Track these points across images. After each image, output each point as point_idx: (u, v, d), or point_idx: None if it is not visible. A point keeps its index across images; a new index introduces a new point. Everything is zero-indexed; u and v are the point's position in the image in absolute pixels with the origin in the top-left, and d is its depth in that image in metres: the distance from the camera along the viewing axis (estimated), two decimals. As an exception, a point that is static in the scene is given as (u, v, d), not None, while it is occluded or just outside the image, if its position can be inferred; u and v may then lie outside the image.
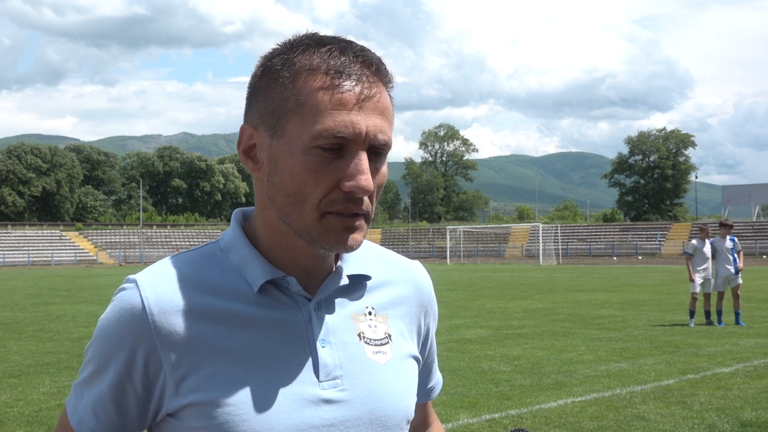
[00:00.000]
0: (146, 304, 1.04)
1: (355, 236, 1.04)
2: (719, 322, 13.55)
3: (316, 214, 1.02)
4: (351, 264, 1.15)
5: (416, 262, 1.29)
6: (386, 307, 1.18)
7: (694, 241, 13.89)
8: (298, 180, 1.02)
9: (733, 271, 13.63)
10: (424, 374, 1.31)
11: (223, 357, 1.04)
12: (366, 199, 1.04)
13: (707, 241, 13.79)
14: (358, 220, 1.04)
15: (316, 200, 1.02)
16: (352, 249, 1.05)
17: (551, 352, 10.51)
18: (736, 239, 13.96)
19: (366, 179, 1.01)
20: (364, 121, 1.02)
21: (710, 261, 13.72)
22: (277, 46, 1.09)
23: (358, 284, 1.16)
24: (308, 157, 1.01)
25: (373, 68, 1.05)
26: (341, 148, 1.02)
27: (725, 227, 13.95)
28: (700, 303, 13.86)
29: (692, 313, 13.61)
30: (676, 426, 6.32)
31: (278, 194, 1.05)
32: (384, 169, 1.07)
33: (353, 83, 1.02)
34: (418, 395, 1.24)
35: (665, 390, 7.78)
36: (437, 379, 1.37)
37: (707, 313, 13.79)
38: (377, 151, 1.04)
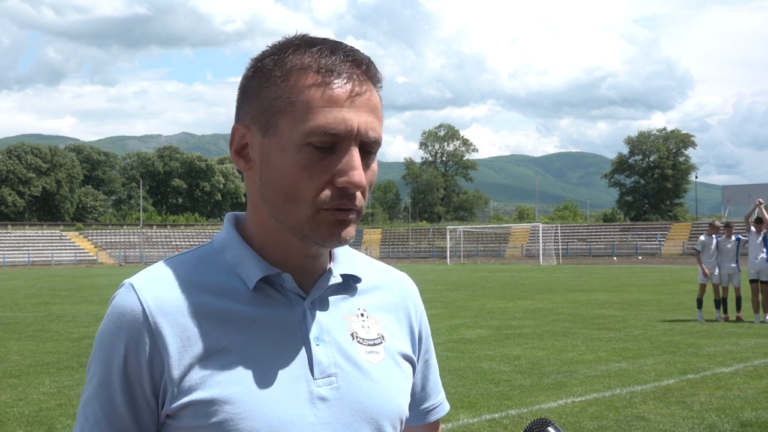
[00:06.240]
0: (146, 307, 1.04)
1: (348, 230, 1.06)
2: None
3: (310, 211, 1.04)
4: (342, 265, 1.16)
5: (404, 273, 1.31)
6: (377, 309, 1.19)
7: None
8: (291, 177, 1.03)
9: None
10: (422, 386, 1.28)
11: (220, 356, 1.04)
12: (359, 194, 1.05)
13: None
14: (351, 215, 1.05)
15: (310, 197, 1.03)
16: (345, 242, 1.07)
17: (551, 352, 10.51)
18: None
19: (358, 174, 1.03)
20: (356, 118, 1.03)
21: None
22: (268, 48, 1.10)
23: (349, 285, 1.17)
24: (301, 154, 1.03)
25: (363, 67, 1.07)
26: (333, 145, 1.03)
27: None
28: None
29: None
30: (676, 426, 6.32)
31: (271, 192, 1.06)
32: (374, 166, 1.08)
33: (344, 81, 1.04)
34: (413, 415, 1.25)
35: (665, 390, 7.78)
36: (440, 399, 1.32)
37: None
38: (368, 149, 1.06)
